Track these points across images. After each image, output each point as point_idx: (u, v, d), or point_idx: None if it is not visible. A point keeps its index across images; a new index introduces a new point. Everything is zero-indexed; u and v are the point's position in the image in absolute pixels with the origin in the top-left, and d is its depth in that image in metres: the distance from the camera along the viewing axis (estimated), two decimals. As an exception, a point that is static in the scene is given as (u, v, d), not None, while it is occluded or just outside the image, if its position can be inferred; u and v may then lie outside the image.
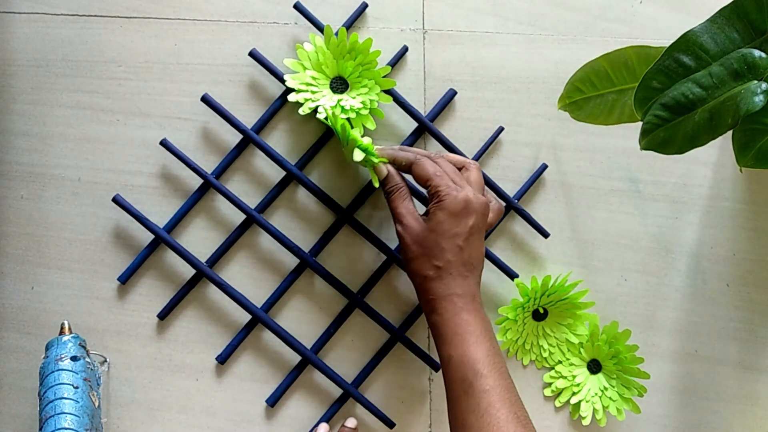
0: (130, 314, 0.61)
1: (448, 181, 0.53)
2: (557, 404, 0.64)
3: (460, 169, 0.56)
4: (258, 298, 0.61)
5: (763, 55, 0.44)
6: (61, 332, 0.56)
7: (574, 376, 0.64)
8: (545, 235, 0.64)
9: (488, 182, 0.63)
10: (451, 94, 0.63)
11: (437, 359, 0.62)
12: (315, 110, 0.59)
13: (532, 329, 0.64)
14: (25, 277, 0.60)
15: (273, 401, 0.61)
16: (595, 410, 0.64)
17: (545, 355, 0.64)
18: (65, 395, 0.52)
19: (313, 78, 0.60)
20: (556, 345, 0.64)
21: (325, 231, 0.62)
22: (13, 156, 0.61)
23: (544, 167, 0.64)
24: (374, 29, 0.63)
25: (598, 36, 0.65)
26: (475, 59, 0.64)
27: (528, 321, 0.64)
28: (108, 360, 0.60)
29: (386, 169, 0.56)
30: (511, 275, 0.63)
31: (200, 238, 0.61)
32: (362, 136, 0.59)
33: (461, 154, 0.62)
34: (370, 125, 0.61)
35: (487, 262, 0.63)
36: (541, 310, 0.64)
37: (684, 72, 0.46)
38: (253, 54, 0.60)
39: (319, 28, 0.61)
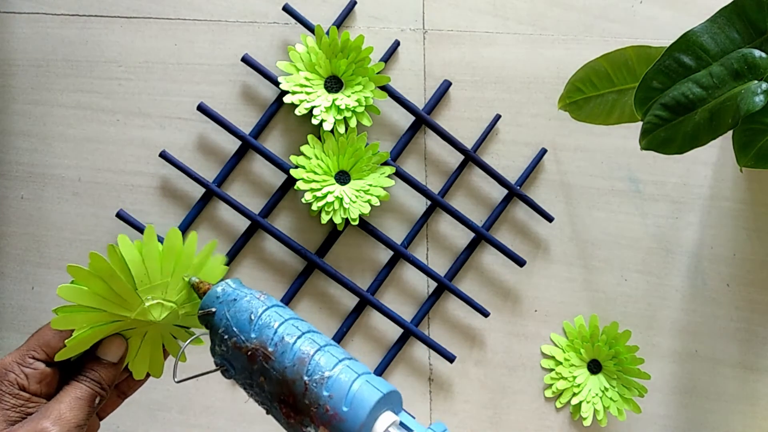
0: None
1: None
2: (558, 405, 0.64)
3: None
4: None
5: (764, 55, 0.44)
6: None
7: (574, 377, 0.64)
8: (549, 219, 0.64)
9: (489, 171, 0.63)
10: (446, 86, 0.63)
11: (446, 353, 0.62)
12: (311, 111, 0.59)
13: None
14: (25, 277, 0.60)
15: None
16: (596, 411, 0.64)
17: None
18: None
19: (307, 79, 0.60)
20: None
21: (330, 231, 0.62)
22: (13, 156, 0.61)
23: (544, 152, 0.64)
24: (374, 29, 0.63)
25: (598, 36, 0.65)
26: (475, 59, 0.64)
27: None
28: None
29: None
30: (519, 262, 0.64)
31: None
32: (358, 134, 0.59)
33: (460, 145, 0.62)
34: (366, 122, 0.61)
35: (493, 250, 0.63)
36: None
37: (684, 72, 0.46)
38: (246, 59, 0.60)
39: (312, 28, 0.61)
